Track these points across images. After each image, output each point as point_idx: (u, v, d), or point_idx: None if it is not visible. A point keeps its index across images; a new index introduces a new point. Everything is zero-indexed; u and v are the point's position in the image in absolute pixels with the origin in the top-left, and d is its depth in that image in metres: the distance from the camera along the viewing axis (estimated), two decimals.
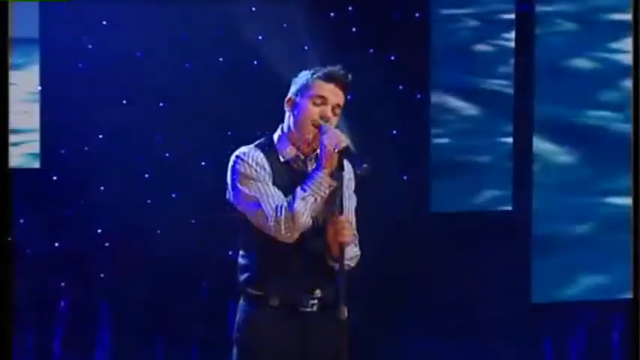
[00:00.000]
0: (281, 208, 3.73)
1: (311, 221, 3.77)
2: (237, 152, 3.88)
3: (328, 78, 3.85)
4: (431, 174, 7.11)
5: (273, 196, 3.77)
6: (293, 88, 3.91)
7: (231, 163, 3.87)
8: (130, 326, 6.56)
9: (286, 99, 3.92)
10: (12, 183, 5.29)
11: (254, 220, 3.80)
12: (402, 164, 7.09)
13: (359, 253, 3.96)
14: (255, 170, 3.80)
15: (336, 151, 3.73)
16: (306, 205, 3.72)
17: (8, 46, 5.05)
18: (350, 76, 3.90)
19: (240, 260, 3.91)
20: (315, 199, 3.74)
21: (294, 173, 3.86)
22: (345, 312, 3.68)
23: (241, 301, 3.90)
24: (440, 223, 7.03)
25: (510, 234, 7.06)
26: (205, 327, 6.66)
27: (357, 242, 3.96)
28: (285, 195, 3.79)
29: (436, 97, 7.13)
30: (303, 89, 3.86)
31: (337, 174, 3.76)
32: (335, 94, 3.86)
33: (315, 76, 3.86)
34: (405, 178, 7.08)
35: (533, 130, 7.16)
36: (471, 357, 6.95)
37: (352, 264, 3.92)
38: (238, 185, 3.81)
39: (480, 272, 6.96)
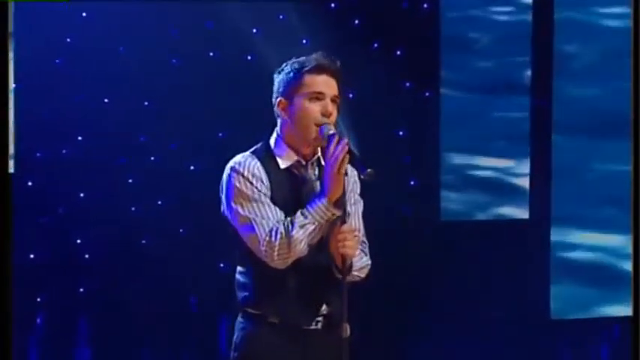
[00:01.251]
0: (276, 232, 3.66)
1: (307, 249, 3.70)
2: (231, 162, 3.79)
3: (319, 70, 3.76)
4: (441, 179, 7.08)
5: (268, 218, 3.70)
6: (280, 88, 3.81)
7: (225, 176, 3.78)
8: (112, 346, 6.53)
9: (276, 101, 3.81)
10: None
11: (246, 242, 3.74)
12: (409, 168, 7.07)
13: (369, 262, 3.89)
14: (251, 183, 3.72)
15: (340, 172, 3.64)
16: (305, 233, 3.66)
17: (9, 45, 5.04)
18: (338, 62, 3.80)
19: (238, 277, 3.84)
20: (315, 228, 3.68)
21: (295, 179, 3.80)
22: (347, 330, 3.63)
23: (239, 319, 3.84)
24: (451, 232, 7.03)
25: (527, 244, 7.06)
26: (195, 346, 6.64)
27: (367, 251, 3.90)
28: (285, 206, 3.73)
29: (447, 95, 7.13)
30: (294, 87, 3.76)
31: (341, 201, 3.67)
32: (330, 86, 3.77)
33: (304, 70, 3.76)
34: (412, 183, 7.03)
35: (553, 128, 7.12)
36: None
37: (362, 275, 3.86)
38: (232, 203, 3.74)
39: (495, 286, 6.96)
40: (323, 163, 3.80)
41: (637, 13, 6.31)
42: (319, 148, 3.81)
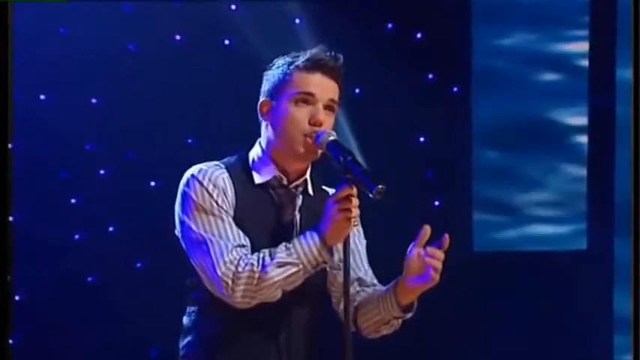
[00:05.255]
0: (246, 262, 3.59)
1: (280, 295, 3.61)
2: (192, 169, 3.75)
3: (312, 66, 3.71)
4: (473, 199, 7.05)
5: (227, 239, 3.65)
6: (266, 87, 3.78)
7: (181, 185, 3.74)
8: None
9: (259, 103, 3.78)
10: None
11: (197, 267, 3.67)
12: (432, 185, 6.98)
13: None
14: (210, 195, 3.68)
15: (346, 218, 3.55)
16: (283, 274, 3.60)
17: (9, 44, 5.10)
18: (341, 57, 3.74)
19: (184, 318, 3.80)
20: (298, 272, 3.61)
21: (270, 200, 3.77)
22: None
23: None
24: (486, 265, 6.98)
25: (584, 281, 6.99)
26: None
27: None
28: (251, 231, 3.68)
29: (479, 91, 7.07)
30: (280, 86, 3.73)
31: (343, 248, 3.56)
32: (325, 88, 3.72)
33: (293, 65, 3.72)
34: (436, 204, 6.98)
35: (615, 134, 7.05)
36: None
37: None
38: (184, 218, 3.70)
39: (543, 332, 6.87)
40: (310, 190, 3.82)
41: (637, 12, 6.34)
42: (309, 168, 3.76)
